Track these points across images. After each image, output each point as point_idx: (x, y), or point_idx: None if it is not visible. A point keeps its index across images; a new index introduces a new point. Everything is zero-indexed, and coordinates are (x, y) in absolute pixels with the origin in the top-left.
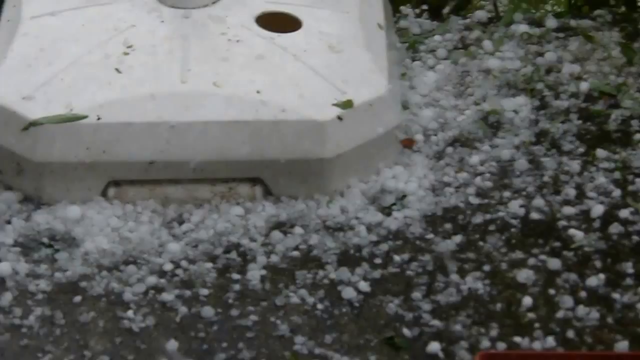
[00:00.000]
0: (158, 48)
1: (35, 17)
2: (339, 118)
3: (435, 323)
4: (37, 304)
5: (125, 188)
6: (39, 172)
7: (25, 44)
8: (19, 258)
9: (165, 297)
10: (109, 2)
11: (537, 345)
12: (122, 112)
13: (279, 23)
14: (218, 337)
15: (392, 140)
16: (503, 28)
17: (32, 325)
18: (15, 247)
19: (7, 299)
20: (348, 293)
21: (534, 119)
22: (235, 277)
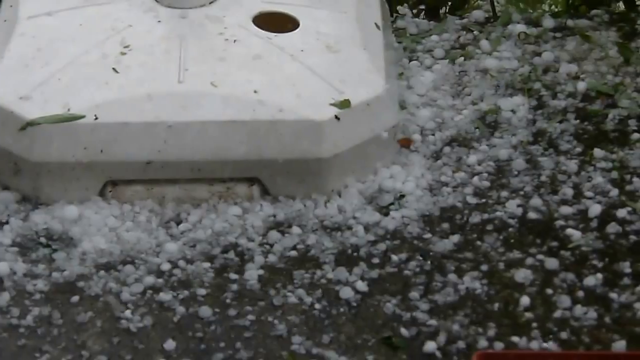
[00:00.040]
0: (155, 48)
1: (32, 17)
2: (337, 118)
3: (433, 322)
4: (34, 304)
5: (123, 188)
6: (37, 172)
7: (23, 44)
8: (17, 258)
9: (163, 297)
10: (106, 2)
11: (534, 345)
12: (119, 112)
13: (276, 23)
14: (216, 337)
15: (389, 140)
16: (500, 28)
17: (29, 325)
18: (13, 247)
19: (4, 299)
20: (345, 293)
21: (532, 119)
22: (233, 277)
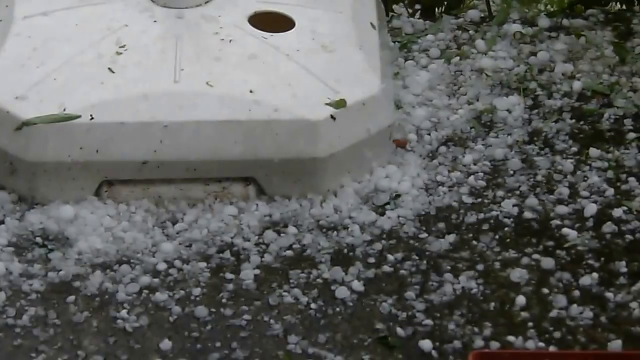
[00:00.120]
0: (151, 48)
1: (28, 17)
2: (332, 117)
3: (429, 322)
4: (30, 304)
5: (119, 188)
6: (32, 172)
7: (18, 44)
8: (13, 258)
9: (159, 296)
10: (102, 1)
11: (530, 345)
12: (115, 111)
13: (272, 23)
14: (211, 336)
15: (385, 140)
16: (496, 27)
17: (25, 325)
18: (9, 247)
19: (0, 299)
20: (341, 292)
21: (527, 118)
22: (229, 276)
